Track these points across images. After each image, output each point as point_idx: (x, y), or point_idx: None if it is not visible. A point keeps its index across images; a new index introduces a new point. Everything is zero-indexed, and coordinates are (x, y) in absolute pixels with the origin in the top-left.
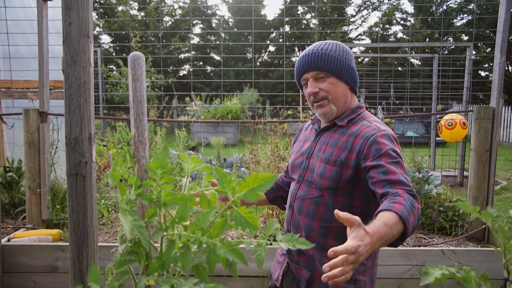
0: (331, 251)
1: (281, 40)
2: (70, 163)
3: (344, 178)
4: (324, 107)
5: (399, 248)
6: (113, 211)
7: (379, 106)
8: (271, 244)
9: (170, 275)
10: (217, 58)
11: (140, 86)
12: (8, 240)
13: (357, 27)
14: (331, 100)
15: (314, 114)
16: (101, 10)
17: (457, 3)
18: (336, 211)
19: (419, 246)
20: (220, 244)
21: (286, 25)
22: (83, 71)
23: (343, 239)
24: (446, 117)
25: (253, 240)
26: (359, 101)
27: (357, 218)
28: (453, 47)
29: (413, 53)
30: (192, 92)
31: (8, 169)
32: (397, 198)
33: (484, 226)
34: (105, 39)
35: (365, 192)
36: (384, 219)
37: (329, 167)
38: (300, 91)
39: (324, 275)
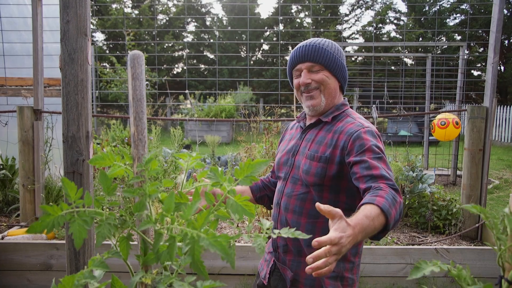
0: (315, 241)
1: (275, 39)
2: (67, 161)
3: (329, 174)
4: (315, 99)
5: (393, 246)
6: (107, 209)
7: (373, 105)
8: (268, 238)
9: (168, 272)
10: (211, 56)
11: (140, 85)
12: (2, 238)
13: (351, 26)
14: (322, 91)
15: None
16: (95, 7)
17: (450, 3)
18: (317, 203)
19: (413, 244)
20: (203, 235)
21: (280, 24)
22: (80, 69)
23: None
24: (439, 116)
25: (252, 233)
26: (343, 99)
27: (338, 210)
28: (446, 46)
29: (407, 52)
30: (187, 91)
31: (1, 166)
32: (379, 192)
33: (477, 225)
34: (99, 36)
35: (351, 187)
36: (366, 212)
37: (315, 164)
38: (290, 83)
39: (307, 267)
